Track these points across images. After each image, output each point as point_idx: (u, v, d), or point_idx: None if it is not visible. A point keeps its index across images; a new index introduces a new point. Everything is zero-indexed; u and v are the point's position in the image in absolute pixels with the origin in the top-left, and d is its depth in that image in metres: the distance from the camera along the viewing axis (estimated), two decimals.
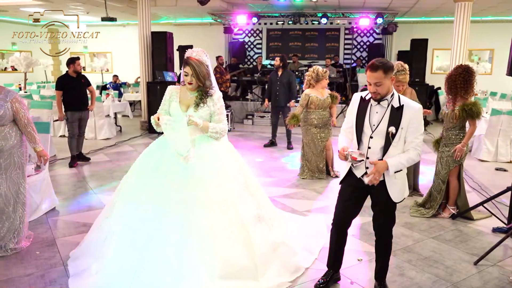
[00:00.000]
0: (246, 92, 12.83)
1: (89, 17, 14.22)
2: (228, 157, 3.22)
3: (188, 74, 3.11)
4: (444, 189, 4.59)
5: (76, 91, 6.72)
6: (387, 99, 2.75)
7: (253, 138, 9.52)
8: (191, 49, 3.21)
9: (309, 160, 6.13)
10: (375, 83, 2.68)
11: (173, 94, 3.24)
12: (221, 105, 3.25)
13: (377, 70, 2.64)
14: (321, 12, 12.53)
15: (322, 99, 5.94)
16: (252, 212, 3.14)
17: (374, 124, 2.77)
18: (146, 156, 3.26)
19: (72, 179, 6.09)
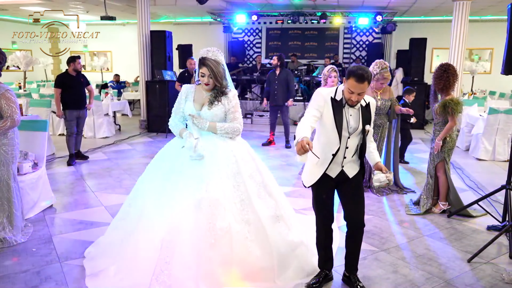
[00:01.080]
0: (246, 91, 12.85)
1: (89, 16, 14.24)
2: (244, 156, 3.15)
3: (205, 75, 3.04)
4: (432, 183, 4.64)
5: (75, 90, 6.75)
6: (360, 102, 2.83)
7: (251, 136, 9.52)
8: (205, 49, 3.12)
9: None
10: (360, 93, 2.71)
11: (188, 94, 3.18)
12: (236, 102, 3.17)
13: (364, 82, 2.66)
14: (320, 11, 12.53)
15: None
16: (270, 211, 3.07)
17: (351, 126, 2.83)
18: (162, 156, 3.22)
19: (70, 177, 6.11)
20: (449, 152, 4.53)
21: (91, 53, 17.66)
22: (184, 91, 3.23)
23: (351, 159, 2.90)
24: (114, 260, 3.05)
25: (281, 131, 8.72)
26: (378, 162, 2.96)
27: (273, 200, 3.16)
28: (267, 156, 7.44)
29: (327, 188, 2.96)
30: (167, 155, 3.18)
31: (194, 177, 2.95)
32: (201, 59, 3.08)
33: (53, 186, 5.46)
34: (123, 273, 2.91)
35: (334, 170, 2.91)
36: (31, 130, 4.79)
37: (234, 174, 3.02)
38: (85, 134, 9.15)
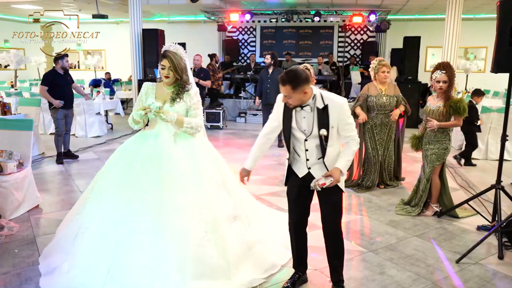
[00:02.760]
0: (239, 90, 12.79)
1: (81, 14, 14.10)
2: (205, 155, 3.20)
3: (165, 67, 3.08)
4: (429, 187, 4.57)
5: (64, 88, 6.68)
6: (309, 104, 2.69)
7: (245, 136, 9.47)
8: (168, 44, 3.19)
9: None
10: (285, 95, 2.64)
11: (149, 90, 3.22)
12: (198, 100, 3.24)
13: (284, 85, 2.57)
14: (314, 10, 12.49)
15: None
16: (228, 211, 3.12)
17: (305, 129, 2.74)
18: (121, 152, 3.22)
19: (58, 177, 6.04)
20: (447, 155, 4.48)
21: (85, 52, 17.54)
22: (144, 88, 3.25)
23: (317, 161, 2.78)
24: (67, 255, 3.02)
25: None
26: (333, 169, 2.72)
27: (232, 200, 3.21)
28: None
29: (295, 188, 2.89)
30: (127, 151, 3.18)
31: (153, 176, 2.96)
32: (162, 52, 3.12)
33: (40, 186, 5.40)
34: (76, 270, 2.88)
35: (301, 170, 2.86)
36: (16, 129, 4.72)
37: (194, 174, 3.04)
38: (76, 133, 9.09)
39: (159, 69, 3.15)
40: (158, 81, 3.26)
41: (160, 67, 3.11)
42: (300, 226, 2.98)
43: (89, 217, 3.02)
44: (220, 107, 10.56)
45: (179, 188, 2.93)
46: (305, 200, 2.91)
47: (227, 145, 8.33)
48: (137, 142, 3.17)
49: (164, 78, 3.12)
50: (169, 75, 3.09)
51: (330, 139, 2.71)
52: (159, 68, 3.15)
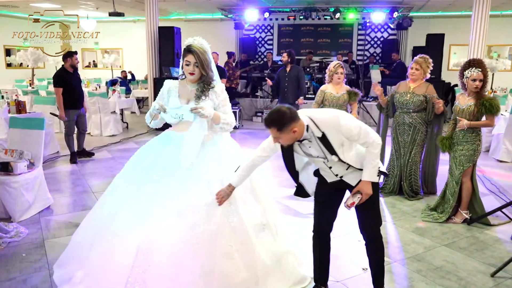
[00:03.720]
0: (256, 88, 12.59)
1: (99, 13, 14.13)
2: (233, 159, 2.94)
3: (190, 63, 2.84)
4: (458, 191, 4.28)
5: (75, 88, 6.53)
6: (305, 138, 2.46)
7: (261, 136, 9.25)
8: (191, 38, 2.95)
9: None
10: (274, 137, 2.43)
11: (171, 88, 2.98)
12: (226, 96, 3.00)
13: (270, 127, 2.37)
14: (333, 7, 12.18)
15: (336, 96, 5.51)
16: (256, 219, 2.85)
17: (318, 155, 2.51)
18: (141, 155, 3.00)
19: (72, 177, 5.93)
20: (477, 156, 4.19)
21: (102, 51, 17.58)
22: (166, 85, 3.02)
23: (346, 171, 2.57)
24: (81, 264, 2.81)
25: None
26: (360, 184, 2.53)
27: (260, 206, 2.95)
28: (275, 156, 7.13)
29: (327, 187, 2.67)
30: (147, 154, 2.95)
31: (178, 179, 2.73)
32: (186, 47, 2.88)
33: (53, 186, 5.31)
34: (90, 280, 2.67)
35: (329, 177, 2.64)
36: (28, 128, 4.60)
37: (221, 178, 2.80)
38: (91, 132, 9.02)
39: (183, 65, 2.91)
40: (180, 78, 3.03)
41: (183, 63, 2.88)
42: (326, 232, 2.76)
43: (106, 223, 2.81)
44: (236, 106, 10.38)
45: (204, 195, 2.70)
46: (335, 203, 2.72)
47: (243, 145, 8.09)
48: (158, 144, 2.95)
49: (188, 75, 2.88)
50: (194, 71, 2.85)
51: (346, 151, 2.49)
52: (183, 64, 2.91)
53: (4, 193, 4.15)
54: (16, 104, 6.67)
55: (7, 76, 14.81)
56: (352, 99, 5.61)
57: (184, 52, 2.88)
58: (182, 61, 2.91)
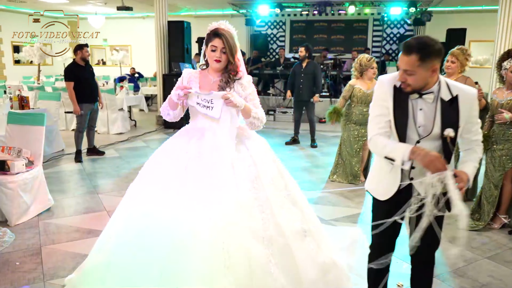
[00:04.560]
0: (268, 86, 12.21)
1: (107, 8, 13.85)
2: (263, 156, 2.55)
3: (217, 48, 2.45)
4: (497, 195, 3.86)
5: (88, 81, 6.23)
6: (433, 91, 1.99)
7: (274, 134, 8.88)
8: (215, 22, 2.56)
9: (345, 160, 5.39)
10: (405, 70, 1.94)
11: (191, 78, 2.59)
12: (253, 89, 2.62)
13: (411, 53, 1.90)
14: (348, 1, 11.74)
15: (366, 92, 5.08)
16: (295, 225, 2.45)
17: (420, 126, 2.02)
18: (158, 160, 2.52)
19: (75, 176, 5.60)
20: None
21: (111, 48, 17.32)
22: (185, 76, 2.62)
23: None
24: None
25: (306, 129, 8.04)
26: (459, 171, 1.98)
27: (298, 210, 2.54)
28: (291, 156, 6.77)
29: (388, 202, 2.16)
30: (166, 155, 2.52)
31: (202, 183, 2.31)
32: (213, 30, 2.49)
33: (55, 186, 4.98)
34: None
35: (396, 181, 2.14)
36: (27, 124, 4.26)
37: (252, 180, 2.40)
38: (98, 130, 8.69)
39: (205, 52, 2.53)
40: (200, 68, 2.65)
41: (208, 49, 2.49)
42: (386, 251, 2.27)
43: (123, 244, 2.37)
44: None
45: (235, 199, 2.28)
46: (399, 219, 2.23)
47: None
48: (177, 144, 2.53)
49: (214, 62, 2.49)
50: (221, 58, 2.47)
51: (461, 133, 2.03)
52: (205, 51, 2.54)
53: (0, 194, 3.82)
54: (19, 99, 6.36)
55: (15, 73, 14.60)
56: None
57: (209, 36, 2.50)
58: (205, 47, 2.53)
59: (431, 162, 1.87)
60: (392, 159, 2.00)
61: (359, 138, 5.26)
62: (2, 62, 14.37)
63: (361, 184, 5.27)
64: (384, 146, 2.03)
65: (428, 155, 1.88)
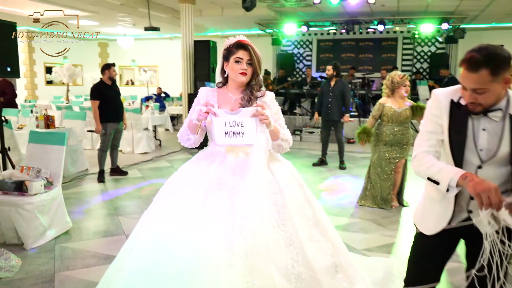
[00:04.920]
0: (294, 106, 12.00)
1: (136, 29, 14.10)
2: (289, 181, 2.29)
3: (242, 60, 2.24)
4: None
5: (113, 100, 6.21)
6: (500, 108, 1.70)
7: (300, 155, 8.60)
8: (232, 37, 2.36)
9: (374, 183, 5.06)
10: (474, 89, 1.66)
11: (209, 97, 2.36)
12: (278, 108, 2.39)
13: (479, 69, 1.61)
14: (377, 20, 11.50)
15: (397, 111, 4.81)
16: (326, 259, 2.18)
17: (481, 149, 1.73)
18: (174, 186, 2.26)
19: (97, 197, 5.47)
20: None
21: (139, 68, 17.61)
22: (203, 94, 2.39)
23: None
24: None
25: (334, 150, 7.73)
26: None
27: (329, 241, 2.26)
28: (318, 178, 6.47)
29: (436, 238, 1.87)
30: (182, 182, 2.27)
31: (223, 213, 2.06)
32: (236, 42, 2.29)
33: (74, 208, 4.86)
34: None
35: (448, 213, 1.84)
36: (48, 143, 4.16)
37: (279, 209, 2.14)
38: (123, 149, 8.66)
39: (227, 65, 2.31)
40: (217, 86, 2.44)
41: (232, 62, 2.27)
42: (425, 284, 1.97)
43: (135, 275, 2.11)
44: None
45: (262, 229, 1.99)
46: (445, 257, 1.95)
47: None
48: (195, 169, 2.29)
49: (239, 76, 2.26)
50: (247, 71, 2.27)
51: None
52: (224, 65, 2.33)
53: (17, 216, 3.69)
54: (45, 118, 6.36)
55: (47, 93, 14.97)
56: (418, 114, 4.86)
57: (231, 49, 2.29)
58: (224, 62, 2.32)
59: (484, 192, 1.55)
60: (436, 182, 1.71)
61: (390, 160, 4.93)
62: (34, 82, 14.76)
63: (393, 210, 4.93)
64: (431, 165, 1.75)
65: (484, 182, 1.57)
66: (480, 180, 1.59)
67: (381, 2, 9.09)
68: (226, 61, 2.32)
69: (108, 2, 9.65)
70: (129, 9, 10.52)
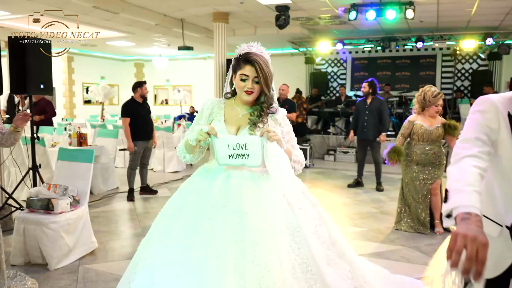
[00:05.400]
0: (328, 125, 11.71)
1: (170, 50, 14.32)
2: (301, 201, 2.07)
3: (248, 77, 2.05)
4: None
5: (144, 118, 6.18)
6: None
7: (335, 176, 8.27)
8: (245, 45, 2.16)
9: (409, 205, 4.73)
10: None
11: (215, 109, 2.16)
12: (291, 127, 2.21)
13: None
14: (414, 36, 11.12)
15: (429, 129, 4.55)
16: (347, 284, 1.96)
17: None
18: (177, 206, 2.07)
19: (125, 216, 5.37)
20: None
21: (173, 87, 17.86)
22: (208, 106, 2.18)
23: None
24: None
25: (370, 170, 7.37)
26: None
27: (348, 264, 2.04)
28: (355, 201, 6.12)
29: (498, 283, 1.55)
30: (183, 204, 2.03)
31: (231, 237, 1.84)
32: (242, 56, 2.08)
33: (102, 227, 4.76)
34: None
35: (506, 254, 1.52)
36: (76, 160, 4.09)
37: (292, 231, 1.92)
38: (154, 168, 8.63)
39: (233, 80, 2.13)
40: (226, 97, 2.23)
41: (237, 78, 2.08)
42: None
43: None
44: (307, 143, 9.55)
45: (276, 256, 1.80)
46: None
47: (314, 186, 7.19)
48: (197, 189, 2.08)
49: (243, 95, 2.07)
50: (253, 89, 2.06)
51: None
52: (232, 78, 2.15)
53: (42, 235, 3.59)
54: (77, 136, 6.39)
55: (84, 112, 15.37)
56: (451, 133, 4.56)
57: (238, 62, 2.09)
58: (233, 74, 2.13)
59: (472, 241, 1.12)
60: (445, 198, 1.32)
61: (424, 181, 4.60)
62: (73, 102, 15.19)
63: (438, 237, 4.53)
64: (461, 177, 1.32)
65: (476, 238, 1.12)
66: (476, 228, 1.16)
67: (420, 17, 8.76)
68: (234, 73, 2.13)
69: (143, 22, 9.82)
70: (164, 29, 10.67)
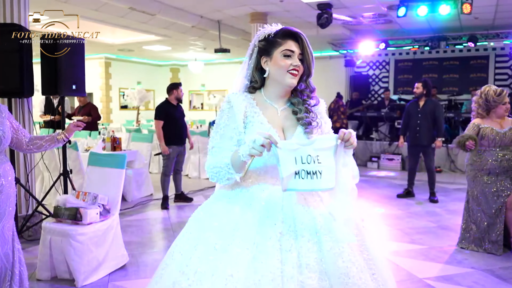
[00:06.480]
0: (370, 130, 11.06)
1: (206, 54, 14.12)
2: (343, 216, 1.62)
3: (294, 53, 1.66)
4: None
5: (178, 122, 5.86)
6: None
7: (381, 185, 7.67)
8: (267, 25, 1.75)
9: (476, 222, 4.12)
10: None
11: (248, 108, 1.67)
12: (330, 121, 1.84)
13: None
14: (467, 35, 10.34)
15: (501, 132, 3.99)
16: None
17: None
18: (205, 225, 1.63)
19: (158, 226, 5.04)
20: None
21: (208, 92, 17.68)
22: (237, 101, 1.67)
23: None
24: None
25: (421, 179, 6.75)
26: None
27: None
28: (407, 213, 5.53)
29: None
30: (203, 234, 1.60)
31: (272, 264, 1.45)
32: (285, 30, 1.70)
33: (134, 237, 4.44)
34: None
35: None
36: (107, 166, 3.77)
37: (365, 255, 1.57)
38: (189, 174, 8.33)
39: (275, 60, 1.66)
40: (248, 91, 1.76)
41: (278, 56, 1.65)
42: None
43: None
44: None
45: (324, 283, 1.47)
46: None
47: (359, 195, 6.56)
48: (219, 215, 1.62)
49: (288, 76, 1.65)
50: (299, 67, 1.67)
51: None
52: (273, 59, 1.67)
53: (69, 248, 3.27)
54: (111, 140, 6.15)
55: (121, 117, 15.40)
56: None
57: (280, 37, 1.69)
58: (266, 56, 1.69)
59: None
60: None
61: (498, 193, 3.99)
62: (109, 107, 15.26)
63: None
64: None
65: None
66: None
67: (475, 13, 8.05)
68: (266, 55, 1.69)
69: (180, 24, 9.60)
70: (200, 32, 10.43)
